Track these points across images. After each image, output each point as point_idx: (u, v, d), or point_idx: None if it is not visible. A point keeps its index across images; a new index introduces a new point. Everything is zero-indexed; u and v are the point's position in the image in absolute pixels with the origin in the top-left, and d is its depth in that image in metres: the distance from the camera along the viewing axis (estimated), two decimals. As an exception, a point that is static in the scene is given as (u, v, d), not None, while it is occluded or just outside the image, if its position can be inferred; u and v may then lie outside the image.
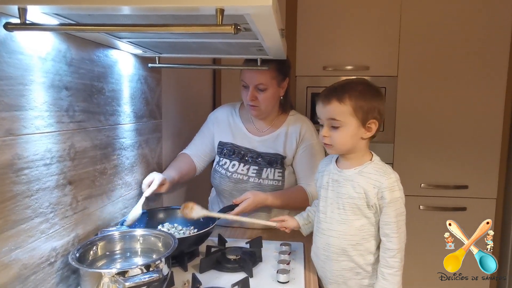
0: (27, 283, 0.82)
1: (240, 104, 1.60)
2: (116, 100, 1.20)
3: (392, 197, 1.00)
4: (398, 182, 1.03)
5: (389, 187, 1.00)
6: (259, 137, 1.52)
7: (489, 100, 2.12)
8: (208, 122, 1.61)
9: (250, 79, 1.42)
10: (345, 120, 1.01)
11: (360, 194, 1.03)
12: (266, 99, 1.44)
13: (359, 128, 1.02)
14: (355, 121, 1.01)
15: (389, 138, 2.22)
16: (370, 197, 1.01)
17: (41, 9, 0.71)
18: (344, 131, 1.02)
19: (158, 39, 1.04)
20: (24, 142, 0.80)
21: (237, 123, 1.56)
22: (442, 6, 2.11)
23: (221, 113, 1.60)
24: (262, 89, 1.42)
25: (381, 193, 1.00)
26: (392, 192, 1.00)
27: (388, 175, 1.02)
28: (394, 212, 1.01)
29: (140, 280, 0.84)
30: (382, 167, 1.05)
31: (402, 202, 1.02)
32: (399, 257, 1.01)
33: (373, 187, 1.01)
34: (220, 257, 1.19)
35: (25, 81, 0.81)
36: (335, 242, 1.07)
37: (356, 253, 1.05)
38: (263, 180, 1.47)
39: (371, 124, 1.02)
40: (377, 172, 1.03)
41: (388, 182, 1.01)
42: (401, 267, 1.01)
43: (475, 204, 2.17)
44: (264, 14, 0.70)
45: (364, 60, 2.20)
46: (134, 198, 1.34)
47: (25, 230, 0.81)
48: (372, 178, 1.02)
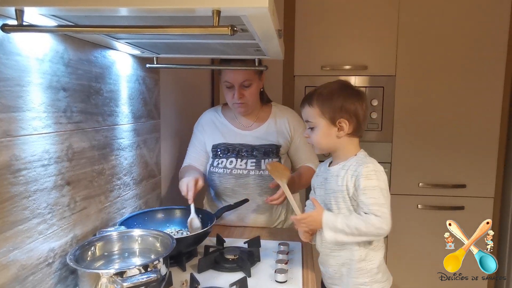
0: (25, 283, 0.82)
1: (222, 106, 1.61)
2: (114, 100, 1.20)
3: (366, 184, 1.01)
4: (377, 172, 1.03)
5: (365, 175, 1.02)
6: (249, 131, 1.54)
7: (487, 99, 2.12)
8: (196, 132, 1.61)
9: (235, 78, 1.43)
10: (316, 121, 1.09)
11: (342, 187, 1.06)
12: (252, 94, 1.47)
13: (330, 128, 1.08)
14: (324, 121, 1.08)
15: (387, 137, 2.22)
16: (349, 187, 1.04)
17: (38, 11, 0.71)
18: (317, 131, 1.09)
19: (155, 39, 1.04)
20: (22, 143, 0.81)
21: (223, 123, 1.57)
22: (440, 5, 2.11)
23: (205, 119, 1.60)
24: (247, 85, 1.45)
25: (358, 181, 1.02)
26: (368, 180, 1.01)
27: (366, 164, 1.04)
28: (370, 200, 1.00)
29: (138, 280, 0.84)
30: (363, 159, 1.07)
31: (380, 192, 1.01)
32: (379, 223, 0.98)
33: (351, 176, 1.05)
34: (218, 257, 1.20)
35: (23, 82, 0.81)
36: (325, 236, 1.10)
37: (346, 247, 1.08)
38: (263, 171, 1.48)
39: (341, 123, 1.06)
40: (357, 163, 1.06)
41: (365, 170, 1.02)
42: (368, 227, 0.98)
43: (473, 203, 2.17)
44: (261, 16, 0.70)
45: (362, 60, 2.20)
46: (132, 199, 1.34)
47: (23, 231, 0.82)
48: (351, 169, 1.06)
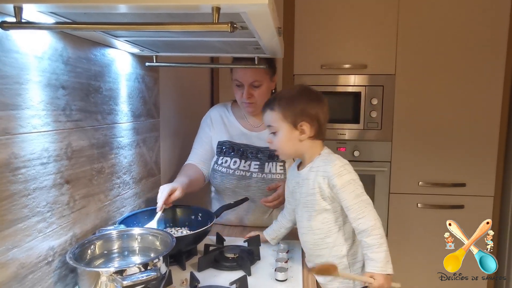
0: (24, 282, 0.82)
1: (232, 103, 1.60)
2: (113, 99, 1.19)
3: (342, 182, 1.02)
4: (345, 166, 1.05)
5: (337, 173, 1.03)
6: (255, 132, 1.53)
7: (486, 98, 2.13)
8: (204, 127, 1.60)
9: (244, 78, 1.42)
10: (278, 125, 1.09)
11: (314, 190, 1.07)
12: (261, 94, 1.45)
13: (292, 131, 1.08)
14: (286, 125, 1.08)
15: (387, 137, 2.22)
16: (324, 189, 1.05)
17: (37, 8, 0.71)
18: (280, 135, 1.09)
19: (155, 37, 1.04)
20: (21, 141, 0.80)
21: (231, 121, 1.56)
22: (440, 4, 2.11)
23: (214, 114, 1.60)
24: (257, 85, 1.43)
25: (331, 181, 1.03)
26: (341, 177, 1.03)
27: (332, 162, 1.05)
28: (351, 195, 1.02)
29: (138, 278, 0.84)
30: (327, 157, 1.08)
31: (355, 183, 1.03)
32: (375, 234, 1.00)
33: (322, 178, 1.05)
34: (218, 255, 1.19)
35: (22, 80, 0.80)
36: (307, 238, 1.13)
37: (326, 246, 1.10)
38: (266, 175, 1.47)
39: (303, 126, 1.07)
40: (323, 163, 1.07)
41: (334, 169, 1.03)
42: (381, 243, 0.99)
43: (473, 202, 2.17)
44: (261, 13, 0.70)
45: (361, 59, 2.20)
46: (131, 197, 1.34)
47: (22, 229, 0.81)
48: (320, 170, 1.06)
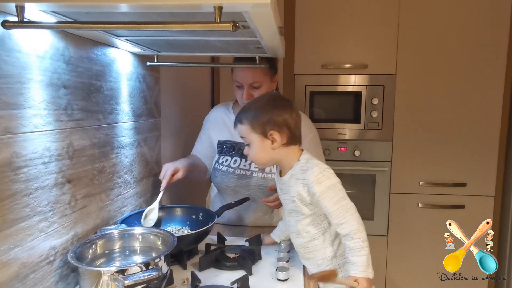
0: (26, 281, 0.82)
1: (233, 103, 1.60)
2: (114, 98, 1.19)
3: (321, 189, 1.02)
4: (324, 172, 1.04)
5: (315, 180, 1.02)
6: None
7: (487, 97, 2.12)
8: (205, 127, 1.61)
9: (244, 79, 1.42)
10: (249, 137, 1.08)
11: (295, 197, 1.07)
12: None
13: (264, 141, 1.07)
14: (257, 136, 1.07)
15: (388, 136, 2.22)
16: (304, 196, 1.05)
17: (38, 7, 0.71)
18: (253, 146, 1.08)
19: (156, 37, 1.04)
20: (23, 141, 0.80)
21: (233, 121, 1.55)
22: (440, 4, 2.11)
23: (215, 114, 1.60)
24: (257, 86, 1.43)
25: (310, 189, 1.03)
26: (320, 184, 1.02)
27: (311, 170, 1.04)
28: (331, 201, 1.01)
29: (140, 278, 0.84)
30: (306, 163, 1.07)
31: (336, 188, 1.03)
32: (357, 238, 1.00)
33: (302, 186, 1.05)
34: (219, 255, 1.19)
35: (23, 79, 0.80)
36: (297, 241, 1.14)
37: (315, 249, 1.11)
38: (266, 174, 1.47)
39: (273, 135, 1.06)
40: (302, 171, 1.06)
41: (313, 176, 1.03)
42: (362, 247, 1.00)
43: (474, 201, 2.17)
44: (263, 12, 0.70)
45: (362, 58, 2.20)
46: (133, 197, 1.34)
47: (24, 228, 0.81)
48: (299, 178, 1.06)
